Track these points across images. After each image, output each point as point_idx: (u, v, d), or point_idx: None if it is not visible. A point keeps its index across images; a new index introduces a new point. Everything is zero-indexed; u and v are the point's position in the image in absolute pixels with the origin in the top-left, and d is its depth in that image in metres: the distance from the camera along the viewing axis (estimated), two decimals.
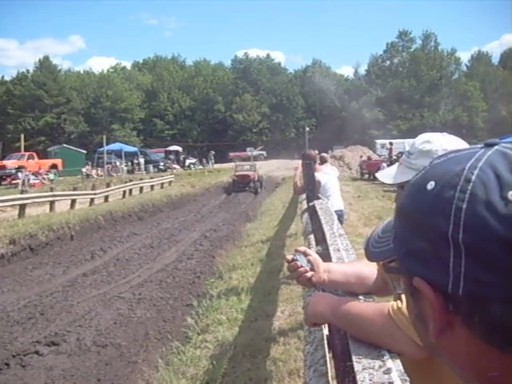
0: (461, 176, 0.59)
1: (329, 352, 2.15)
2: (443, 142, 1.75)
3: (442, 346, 0.62)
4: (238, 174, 33.67)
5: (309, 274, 1.96)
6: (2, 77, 79.75)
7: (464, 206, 0.57)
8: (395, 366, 1.38)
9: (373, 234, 0.83)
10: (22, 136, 46.03)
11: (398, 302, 1.47)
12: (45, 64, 73.93)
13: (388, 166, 18.99)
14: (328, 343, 2.16)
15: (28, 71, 74.56)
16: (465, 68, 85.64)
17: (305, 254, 1.99)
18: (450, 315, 0.59)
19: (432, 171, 0.64)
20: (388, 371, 1.34)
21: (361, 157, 38.88)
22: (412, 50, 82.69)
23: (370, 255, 0.80)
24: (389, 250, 0.71)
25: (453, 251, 0.57)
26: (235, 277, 9.56)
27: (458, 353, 0.61)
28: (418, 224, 0.62)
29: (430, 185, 0.62)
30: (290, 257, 2.02)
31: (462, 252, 0.56)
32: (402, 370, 1.35)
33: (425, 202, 0.61)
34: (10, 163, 37.50)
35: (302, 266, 1.96)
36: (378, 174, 2.10)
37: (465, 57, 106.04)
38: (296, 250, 2.03)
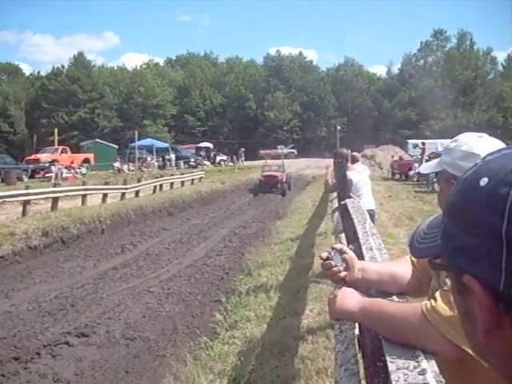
0: None
1: (359, 351, 2.13)
2: (469, 142, 1.74)
3: (490, 345, 0.60)
4: (265, 174, 31.54)
5: (342, 273, 1.94)
6: (38, 72, 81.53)
7: None
8: (430, 366, 1.36)
9: (418, 229, 0.81)
10: (56, 130, 46.64)
11: (432, 300, 1.45)
12: (79, 60, 74.94)
13: (419, 166, 18.88)
14: (358, 342, 2.14)
15: (63, 67, 75.77)
16: (501, 68, 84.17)
17: (341, 252, 1.97)
18: (499, 314, 0.58)
19: (485, 167, 0.62)
20: (423, 372, 1.32)
21: (392, 157, 38.48)
22: (447, 49, 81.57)
23: (415, 251, 0.79)
24: (435, 247, 0.70)
25: (506, 249, 0.55)
26: (264, 274, 9.56)
27: (507, 353, 0.59)
28: (469, 220, 0.60)
29: (483, 181, 0.60)
30: (324, 254, 2.01)
31: None
32: (437, 371, 1.33)
33: (477, 199, 0.59)
34: (44, 157, 38.09)
35: (335, 266, 1.94)
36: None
37: (501, 56, 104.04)
38: (332, 248, 2.02)
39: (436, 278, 1.67)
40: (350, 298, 1.74)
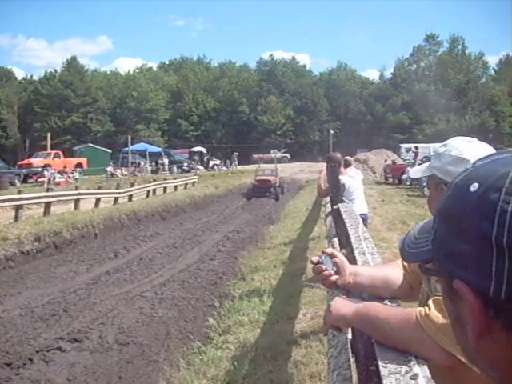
0: (506, 178, 0.57)
1: (352, 356, 2.13)
2: (459, 147, 1.74)
3: (481, 350, 0.60)
4: (258, 178, 31.61)
5: (333, 277, 1.94)
6: (31, 76, 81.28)
7: (509, 209, 0.55)
8: (422, 371, 1.36)
9: (408, 234, 0.81)
10: (49, 135, 46.64)
11: (426, 308, 1.45)
12: (72, 64, 74.74)
13: None
14: (351, 347, 2.14)
15: (56, 71, 75.42)
16: (492, 72, 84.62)
17: (331, 256, 1.97)
18: (490, 319, 0.58)
19: (475, 172, 0.63)
20: (415, 377, 1.33)
21: (385, 161, 38.55)
22: (439, 53, 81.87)
23: (406, 256, 0.79)
24: (425, 252, 0.70)
25: (496, 254, 0.55)
26: (257, 278, 9.55)
27: (498, 357, 0.59)
28: (459, 226, 0.60)
29: (474, 186, 0.60)
30: (315, 258, 2.01)
31: (506, 255, 0.55)
32: (429, 376, 1.33)
33: (468, 204, 0.60)
34: (37, 161, 38.03)
35: (326, 269, 1.95)
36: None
37: (493, 61, 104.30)
38: (323, 252, 2.02)
39: (427, 283, 1.68)
40: (345, 304, 1.75)
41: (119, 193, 23.88)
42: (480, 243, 0.57)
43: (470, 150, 1.70)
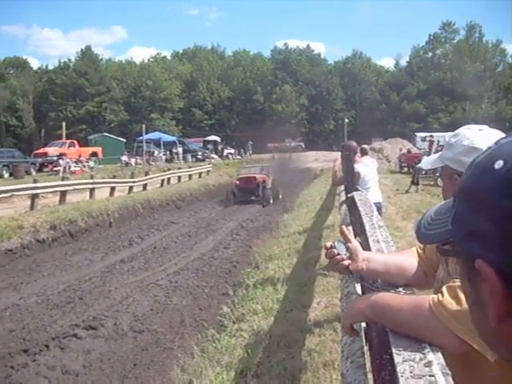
0: None
1: (366, 344, 2.12)
2: (471, 136, 1.72)
3: (501, 333, 0.59)
4: (240, 176, 25.55)
5: (346, 262, 1.93)
6: (46, 66, 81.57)
7: None
8: (436, 358, 1.34)
9: (425, 216, 0.80)
10: (64, 124, 46.70)
11: (439, 295, 1.44)
12: (87, 53, 74.96)
13: None
14: (365, 335, 2.13)
15: (70, 60, 75.76)
16: (510, 60, 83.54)
17: (345, 242, 1.96)
18: (511, 301, 0.57)
19: (500, 150, 0.61)
20: (429, 364, 1.31)
21: (400, 150, 38.27)
22: (455, 41, 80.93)
23: (422, 238, 0.77)
24: (443, 233, 0.68)
25: None
26: (271, 267, 9.54)
27: None
28: (482, 204, 0.59)
29: (498, 164, 0.59)
30: (328, 244, 2.00)
31: None
32: (444, 364, 1.32)
33: (492, 182, 0.58)
34: (52, 150, 38.21)
35: (338, 254, 1.93)
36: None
37: (510, 49, 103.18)
38: (341, 231, 2.02)
39: (444, 267, 1.66)
40: (360, 298, 1.75)
41: (134, 182, 23.98)
42: (504, 222, 0.56)
43: (482, 138, 1.67)
